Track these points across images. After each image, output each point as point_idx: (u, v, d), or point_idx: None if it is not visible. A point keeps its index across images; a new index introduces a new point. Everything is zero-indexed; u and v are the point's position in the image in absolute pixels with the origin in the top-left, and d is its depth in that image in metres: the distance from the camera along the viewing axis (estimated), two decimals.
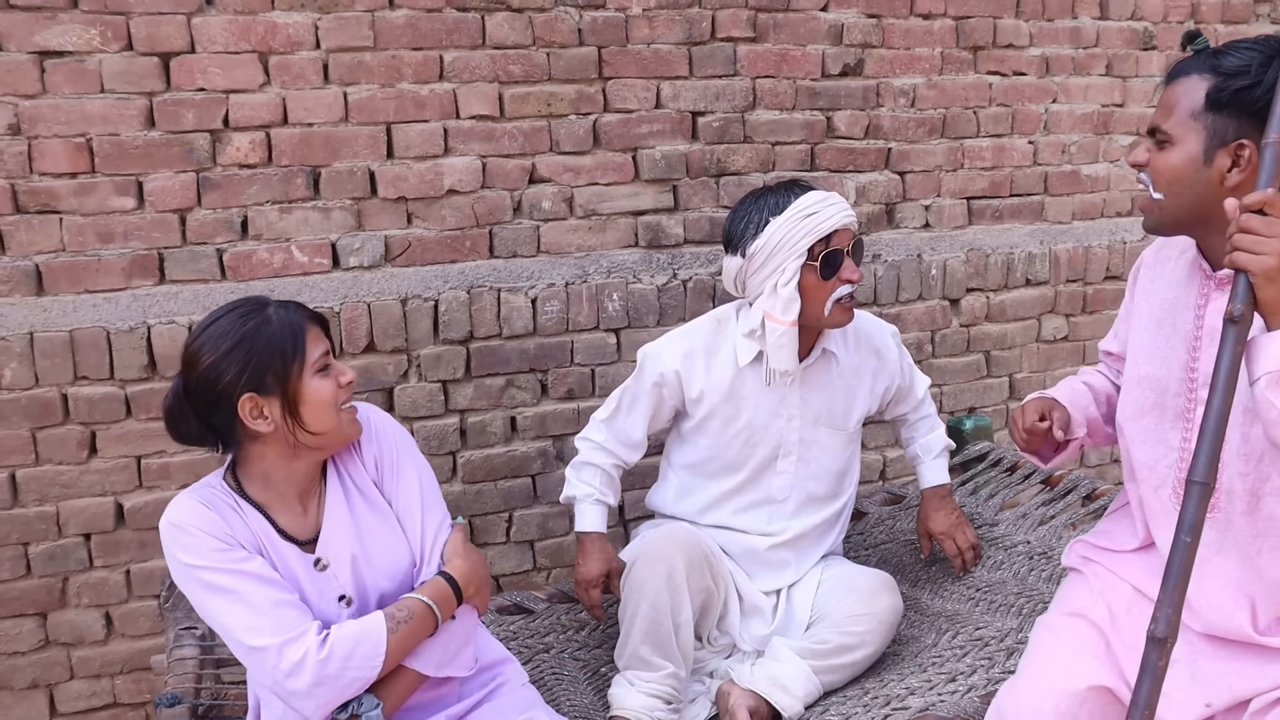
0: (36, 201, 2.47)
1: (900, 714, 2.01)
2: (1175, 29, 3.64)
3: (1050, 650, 1.79)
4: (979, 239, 3.43)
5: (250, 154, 2.61)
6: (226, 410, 1.66)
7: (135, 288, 2.58)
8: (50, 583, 2.62)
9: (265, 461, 1.71)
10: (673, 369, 2.33)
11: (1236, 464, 1.66)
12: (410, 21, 2.68)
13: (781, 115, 3.09)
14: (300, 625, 1.62)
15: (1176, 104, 1.65)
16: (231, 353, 1.64)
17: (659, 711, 2.12)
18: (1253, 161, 1.59)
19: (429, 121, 2.74)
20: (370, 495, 1.81)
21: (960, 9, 3.28)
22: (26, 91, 2.42)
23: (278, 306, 1.71)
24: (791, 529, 2.37)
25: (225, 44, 2.54)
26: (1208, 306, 1.72)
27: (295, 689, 1.59)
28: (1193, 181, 1.65)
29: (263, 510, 1.72)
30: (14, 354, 2.49)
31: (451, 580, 1.75)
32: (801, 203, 2.19)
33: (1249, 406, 1.60)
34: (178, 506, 1.68)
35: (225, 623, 1.63)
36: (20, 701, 2.64)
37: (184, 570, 1.65)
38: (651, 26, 2.90)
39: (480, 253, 2.86)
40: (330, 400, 1.70)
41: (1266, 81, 1.56)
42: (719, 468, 2.37)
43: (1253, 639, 1.65)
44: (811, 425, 2.35)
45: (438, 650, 1.74)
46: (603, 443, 2.40)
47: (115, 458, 2.62)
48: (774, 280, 2.20)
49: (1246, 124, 1.59)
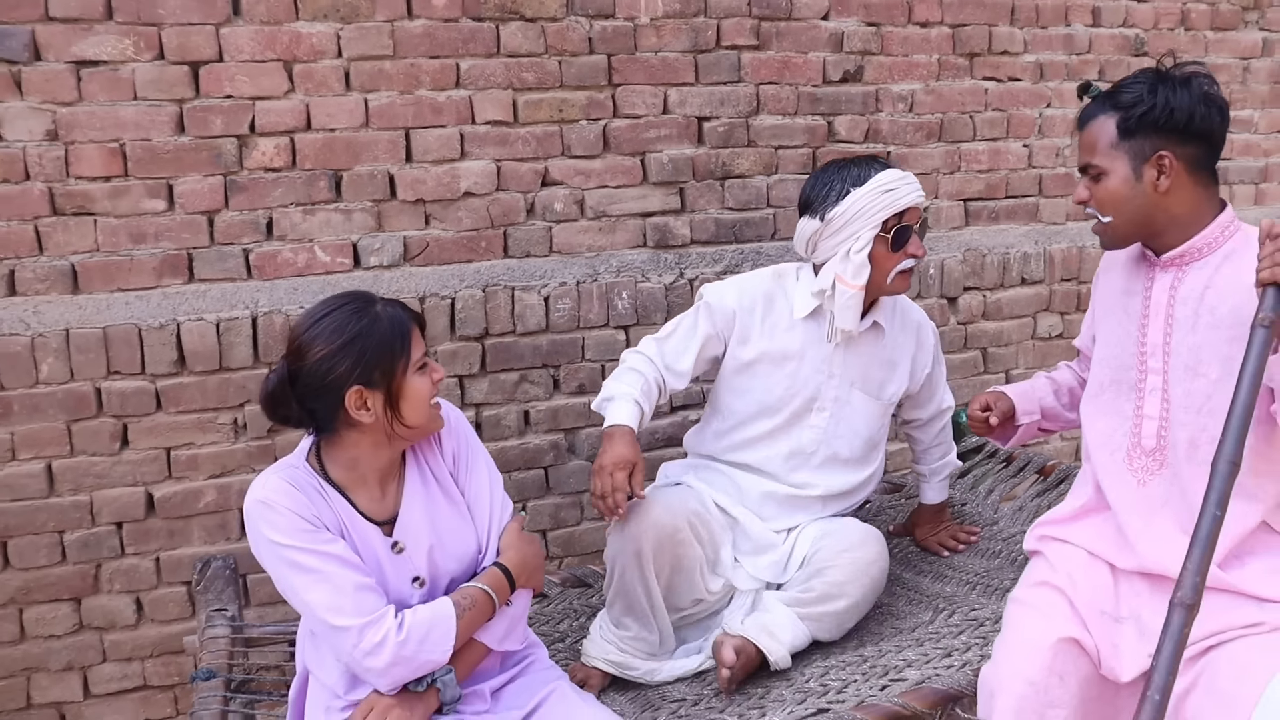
0: (72, 204, 2.59)
1: (898, 684, 2.11)
2: (1166, 35, 3.75)
3: (1021, 617, 1.96)
4: (976, 239, 3.54)
5: (275, 158, 2.72)
6: (332, 400, 1.75)
7: (165, 286, 2.70)
8: (84, 569, 2.72)
9: (358, 448, 1.81)
10: (731, 309, 2.43)
11: (1180, 417, 1.91)
12: (428, 31, 2.79)
13: (784, 120, 3.21)
14: (379, 608, 1.73)
15: (1096, 141, 1.93)
16: (345, 348, 1.73)
17: (625, 665, 2.30)
18: (1174, 166, 1.86)
19: (446, 127, 2.85)
20: (446, 485, 1.92)
21: (957, 17, 3.39)
22: (64, 99, 2.53)
23: (385, 305, 1.80)
24: (815, 487, 2.46)
25: (252, 53, 2.66)
26: (1153, 286, 1.97)
27: (372, 666, 1.71)
28: (1132, 197, 1.91)
29: (343, 492, 1.81)
30: (50, 350, 2.60)
31: (506, 570, 1.88)
32: (882, 178, 2.32)
33: (1189, 365, 1.89)
34: (266, 485, 1.77)
35: (309, 600, 1.72)
36: (56, 683, 2.74)
37: (270, 547, 1.74)
38: (659, 35, 3.02)
39: (495, 253, 2.97)
40: (427, 396, 1.80)
41: (1159, 102, 1.85)
42: (757, 410, 2.45)
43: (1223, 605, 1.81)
44: (849, 386, 2.45)
45: (501, 627, 1.88)
46: (652, 356, 2.45)
47: (146, 449, 2.72)
48: (848, 246, 2.32)
49: (1158, 139, 1.86)
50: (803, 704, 2.11)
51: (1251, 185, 4.06)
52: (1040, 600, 1.97)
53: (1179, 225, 1.92)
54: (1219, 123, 1.89)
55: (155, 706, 2.84)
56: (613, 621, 2.32)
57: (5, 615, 2.66)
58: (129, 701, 2.82)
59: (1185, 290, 1.93)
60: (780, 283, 2.48)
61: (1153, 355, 1.97)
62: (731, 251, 3.20)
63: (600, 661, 2.30)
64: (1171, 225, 1.92)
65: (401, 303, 1.85)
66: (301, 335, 1.76)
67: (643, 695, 2.26)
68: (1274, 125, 4.04)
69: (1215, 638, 1.80)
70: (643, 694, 2.27)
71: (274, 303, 2.76)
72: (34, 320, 2.59)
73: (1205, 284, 1.90)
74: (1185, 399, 1.92)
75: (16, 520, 2.64)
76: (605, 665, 2.30)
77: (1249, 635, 1.78)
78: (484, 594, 1.83)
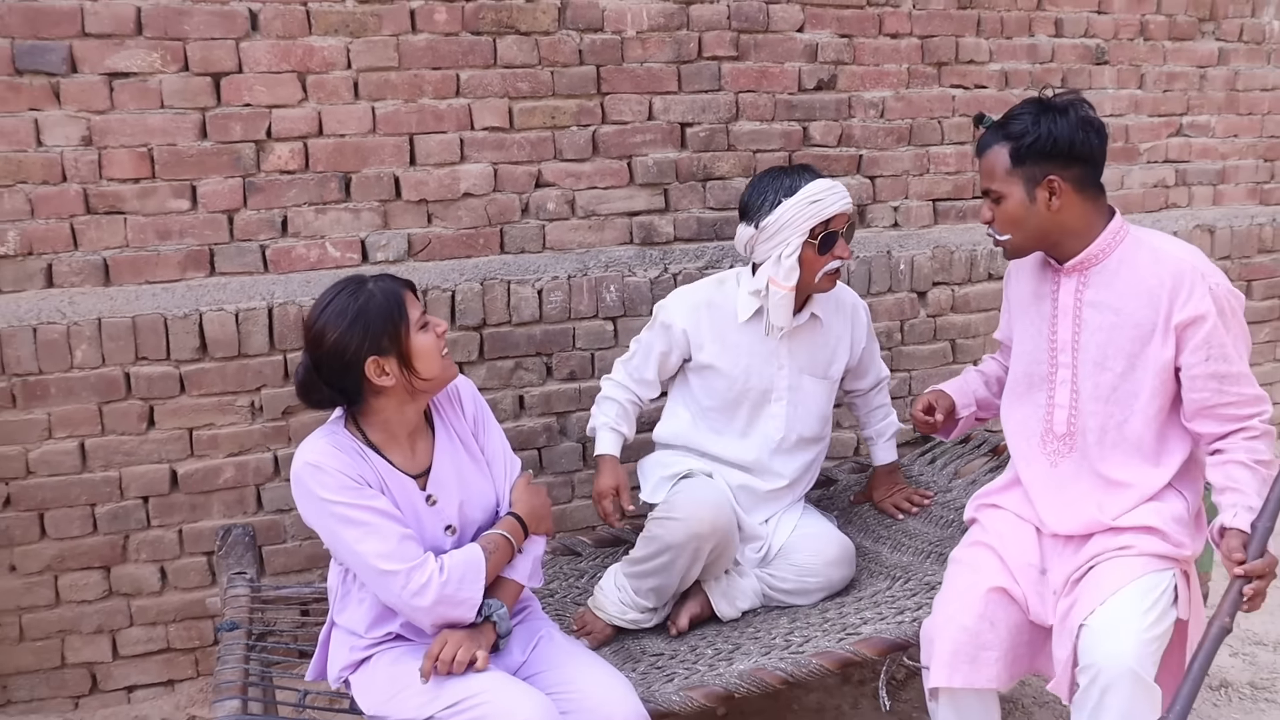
0: (105, 204, 2.81)
1: (853, 638, 2.35)
2: (1126, 45, 3.97)
3: (958, 572, 2.24)
4: (944, 237, 3.77)
5: (290, 161, 2.94)
6: (355, 374, 1.97)
7: (189, 279, 2.92)
8: (113, 540, 2.94)
9: (387, 410, 2.04)
10: (680, 322, 2.68)
11: (1088, 406, 2.19)
12: (430, 44, 3.01)
13: (762, 126, 3.43)
14: (420, 555, 1.97)
15: (993, 169, 2.20)
16: (352, 326, 1.94)
17: (631, 613, 2.56)
18: (1063, 187, 2.14)
19: (447, 132, 3.07)
20: (469, 445, 2.17)
21: (925, 29, 3.61)
22: (97, 108, 2.75)
23: (375, 280, 2.02)
24: (788, 470, 2.72)
25: (269, 65, 2.88)
26: (1059, 290, 2.25)
27: (420, 605, 1.95)
28: (1028, 216, 2.18)
29: (380, 451, 2.04)
30: (84, 337, 2.82)
31: (519, 519, 2.14)
32: (810, 189, 2.55)
33: (1097, 360, 2.17)
34: (314, 450, 1.99)
35: (360, 550, 1.95)
36: (87, 644, 2.96)
37: (320, 504, 1.96)
38: (644, 47, 3.24)
39: (492, 249, 3.19)
40: (434, 349, 2.02)
41: (1044, 131, 2.12)
42: (721, 405, 2.70)
43: (1102, 524, 2.15)
44: (798, 374, 2.70)
45: (527, 566, 2.15)
46: (621, 380, 2.76)
47: (170, 429, 2.94)
48: (779, 251, 2.55)
49: (1046, 164, 2.14)
50: (767, 655, 2.35)
51: (1210, 187, 4.28)
52: (973, 557, 2.23)
53: (1074, 236, 2.20)
54: (1098, 144, 2.16)
55: (178, 667, 3.06)
56: (635, 590, 2.54)
57: (42, 581, 2.88)
58: (154, 663, 3.03)
59: (1091, 294, 2.19)
60: (722, 289, 2.71)
61: (1063, 351, 2.24)
62: (712, 248, 3.43)
63: (618, 620, 2.55)
64: (1067, 237, 2.20)
65: (391, 275, 2.05)
66: (314, 325, 1.98)
67: (624, 648, 2.50)
68: (1230, 130, 4.26)
69: (1095, 559, 2.11)
70: (624, 647, 2.51)
71: (289, 295, 2.98)
72: (69, 310, 2.81)
73: (1108, 287, 2.17)
74: (1093, 390, 2.19)
75: (52, 494, 2.86)
76: (621, 623, 2.55)
77: (1120, 555, 2.10)
78: (504, 539, 2.09)
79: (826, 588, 2.66)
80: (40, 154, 2.73)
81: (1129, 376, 2.15)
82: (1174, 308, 2.11)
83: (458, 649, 1.96)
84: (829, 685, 3.05)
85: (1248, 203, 4.38)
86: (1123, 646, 1.98)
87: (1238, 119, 4.27)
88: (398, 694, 1.99)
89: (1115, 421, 2.18)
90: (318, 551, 3.08)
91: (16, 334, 2.75)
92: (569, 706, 1.98)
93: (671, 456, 2.76)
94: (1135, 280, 2.15)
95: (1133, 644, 1.98)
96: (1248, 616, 3.29)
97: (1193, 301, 2.09)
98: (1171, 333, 2.11)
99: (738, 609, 2.60)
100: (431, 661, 1.95)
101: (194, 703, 3.03)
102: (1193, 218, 4.25)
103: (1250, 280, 4.42)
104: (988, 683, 2.11)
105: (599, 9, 3.15)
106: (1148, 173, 4.12)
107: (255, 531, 2.78)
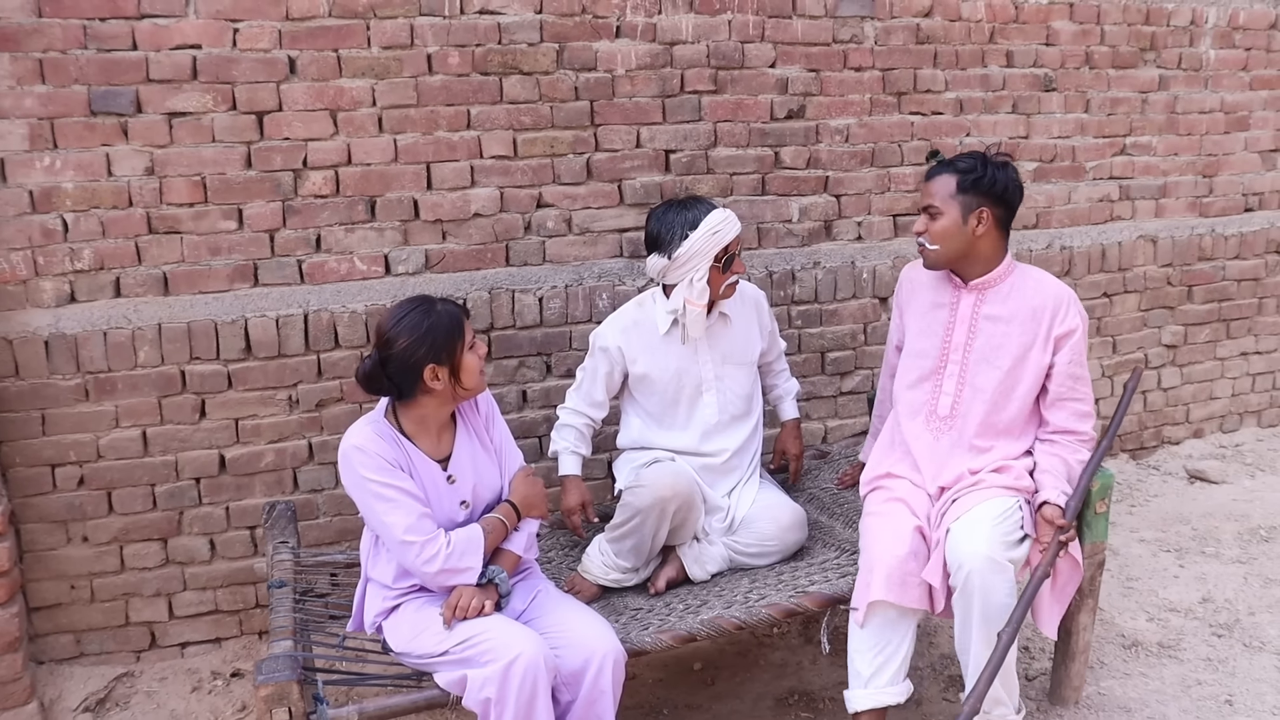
0: (165, 225, 3.21)
1: (802, 596, 2.78)
2: (1073, 73, 4.35)
3: (881, 523, 2.73)
4: (903, 248, 4.17)
5: (323, 187, 3.34)
6: (414, 376, 2.41)
7: (236, 290, 3.32)
8: (170, 515, 3.35)
9: (428, 407, 2.49)
10: (614, 343, 3.12)
11: (974, 395, 2.76)
12: (445, 84, 3.41)
13: (738, 151, 3.84)
14: (433, 531, 2.43)
15: (938, 191, 2.74)
16: (422, 338, 2.38)
17: (613, 574, 2.98)
18: (987, 219, 2.73)
19: (459, 161, 3.47)
20: (482, 438, 2.62)
21: (886, 62, 4.00)
22: (159, 143, 3.16)
23: (441, 303, 2.46)
24: (730, 444, 3.15)
25: (305, 104, 3.27)
26: (959, 303, 2.79)
27: (428, 570, 2.41)
28: (957, 236, 2.73)
29: (411, 440, 2.49)
30: (146, 340, 3.23)
31: (514, 505, 2.60)
32: (711, 220, 2.98)
33: (987, 358, 2.74)
34: (361, 435, 2.44)
35: (386, 521, 2.40)
36: (148, 606, 3.39)
37: (361, 481, 2.41)
38: (633, 84, 3.64)
39: (499, 262, 3.59)
40: (477, 366, 2.49)
41: (989, 174, 2.73)
42: (661, 406, 3.13)
43: (968, 477, 2.73)
44: (721, 364, 3.14)
45: (522, 541, 2.61)
46: (574, 407, 3.18)
47: (219, 419, 3.34)
48: (690, 276, 2.98)
49: (982, 199, 2.73)
50: (729, 608, 2.78)
51: (1152, 201, 4.68)
52: (890, 509, 2.75)
53: (982, 261, 2.76)
54: (1018, 198, 2.75)
55: (225, 627, 3.47)
56: (615, 553, 2.97)
57: (109, 551, 3.31)
58: (204, 623, 3.45)
59: (987, 309, 2.75)
60: (643, 309, 3.14)
61: (955, 351, 2.78)
62: None
63: (602, 580, 2.99)
64: (978, 261, 2.76)
65: (454, 300, 2.49)
66: (388, 331, 2.42)
67: (609, 604, 2.94)
68: (1170, 149, 4.65)
69: (957, 492, 2.68)
70: (609, 603, 2.94)
71: (322, 303, 3.39)
72: (134, 317, 3.22)
73: (1002, 304, 2.73)
74: (976, 380, 2.76)
75: (119, 475, 3.27)
76: (605, 583, 2.99)
77: (975, 488, 2.69)
78: (500, 521, 2.55)
79: (783, 550, 3.08)
80: (110, 183, 3.13)
81: (1012, 373, 2.74)
82: (1054, 323, 2.73)
83: (471, 599, 2.42)
84: (792, 644, 3.50)
85: (1188, 215, 4.77)
86: (977, 544, 2.55)
87: (1178, 139, 4.66)
88: (420, 634, 2.44)
89: (997, 406, 2.75)
90: (347, 526, 3.52)
91: (90, 337, 3.17)
92: (560, 642, 2.43)
93: (636, 454, 3.18)
94: (1024, 301, 2.74)
95: (986, 540, 2.56)
96: (1165, 587, 3.73)
97: (1069, 319, 2.73)
98: (1051, 341, 2.72)
99: (707, 572, 3.04)
100: (451, 609, 2.41)
101: (238, 658, 3.46)
102: (1136, 229, 4.65)
103: (1191, 286, 4.83)
104: (914, 603, 2.62)
105: (592, 51, 3.56)
106: (1093, 188, 4.51)
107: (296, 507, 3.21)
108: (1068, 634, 3.03)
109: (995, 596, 2.55)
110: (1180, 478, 4.72)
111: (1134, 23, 4.43)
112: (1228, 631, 3.46)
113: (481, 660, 2.34)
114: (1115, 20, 4.39)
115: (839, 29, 3.89)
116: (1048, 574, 2.61)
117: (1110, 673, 3.26)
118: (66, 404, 3.19)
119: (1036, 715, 3.09)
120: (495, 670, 2.30)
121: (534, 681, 2.31)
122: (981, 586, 2.54)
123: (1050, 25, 4.27)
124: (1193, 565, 3.90)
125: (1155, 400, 4.89)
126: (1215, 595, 3.66)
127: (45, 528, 3.24)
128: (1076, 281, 4.50)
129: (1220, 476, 4.66)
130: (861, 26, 3.92)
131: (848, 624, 2.71)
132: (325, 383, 3.42)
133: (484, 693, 2.31)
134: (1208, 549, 4.02)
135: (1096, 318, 4.61)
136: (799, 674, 3.34)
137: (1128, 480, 4.66)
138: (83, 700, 3.21)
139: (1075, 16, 4.31)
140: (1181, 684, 3.19)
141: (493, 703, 2.31)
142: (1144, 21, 4.45)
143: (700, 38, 3.69)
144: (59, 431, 3.20)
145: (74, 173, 3.10)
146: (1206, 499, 4.47)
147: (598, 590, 2.98)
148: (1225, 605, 3.61)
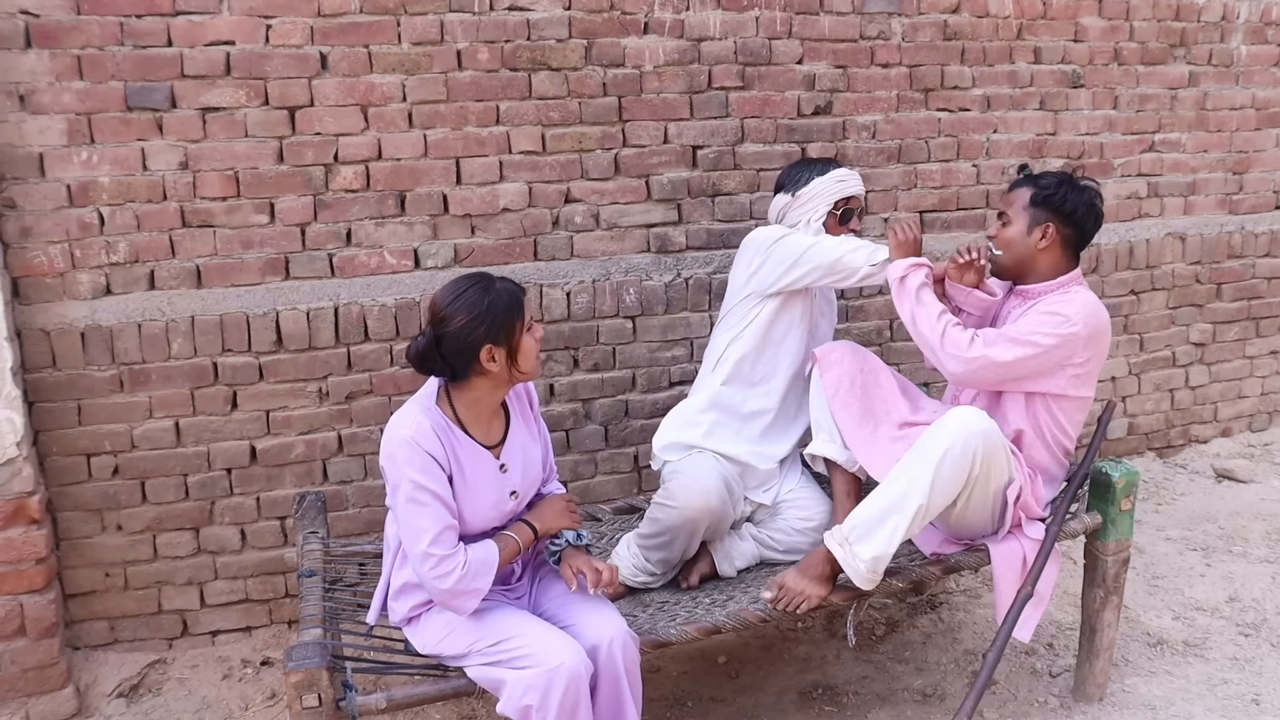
0: (198, 219, 3.26)
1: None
2: (1101, 70, 4.34)
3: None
4: (930, 245, 4.15)
5: (354, 182, 3.38)
6: (470, 355, 2.31)
7: (268, 283, 3.36)
8: (202, 505, 3.39)
9: (482, 390, 2.39)
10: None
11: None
12: (474, 80, 3.45)
13: (765, 148, 3.85)
14: (455, 546, 2.31)
15: (1015, 201, 2.93)
16: (480, 317, 2.28)
17: (642, 576, 3.00)
18: (1052, 236, 2.85)
19: (488, 156, 3.50)
20: (531, 428, 2.58)
21: (913, 59, 4.01)
22: (193, 138, 3.21)
23: (500, 281, 2.35)
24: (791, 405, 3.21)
25: (336, 99, 3.31)
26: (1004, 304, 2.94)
27: (439, 587, 2.30)
28: (1019, 245, 2.90)
29: (464, 427, 2.41)
30: (180, 332, 3.28)
31: (533, 529, 2.51)
32: (837, 172, 3.19)
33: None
34: (414, 425, 2.30)
35: (416, 525, 2.28)
36: (180, 594, 3.43)
37: (404, 476, 2.27)
38: (660, 80, 3.66)
39: (527, 256, 3.62)
40: (535, 349, 2.39)
41: (1061, 194, 2.85)
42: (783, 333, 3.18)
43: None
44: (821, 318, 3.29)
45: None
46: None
47: (251, 411, 3.39)
48: (808, 216, 3.14)
49: (1051, 215, 2.86)
50: (755, 603, 2.80)
51: (1180, 198, 4.66)
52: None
53: (1037, 275, 2.86)
54: (1092, 224, 2.88)
55: (255, 615, 3.52)
56: (645, 558, 2.97)
57: (143, 540, 3.36)
58: (235, 611, 3.49)
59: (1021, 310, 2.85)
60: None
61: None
62: (720, 255, 3.85)
63: (630, 581, 3.00)
64: (1035, 274, 2.88)
65: (512, 280, 2.40)
66: (444, 308, 2.31)
67: (636, 597, 2.96)
68: (1199, 146, 4.63)
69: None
70: (636, 596, 2.96)
71: (352, 296, 3.43)
72: (168, 309, 3.27)
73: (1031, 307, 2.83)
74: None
75: (152, 465, 3.32)
76: (633, 584, 3.00)
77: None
78: (514, 541, 2.46)
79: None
80: (145, 177, 3.18)
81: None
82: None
83: (603, 568, 2.47)
84: (816, 638, 3.51)
85: (1217, 212, 4.75)
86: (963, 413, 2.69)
87: (1207, 135, 4.64)
88: (450, 634, 2.40)
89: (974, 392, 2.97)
90: (375, 517, 3.55)
91: (125, 329, 3.23)
92: (570, 620, 2.43)
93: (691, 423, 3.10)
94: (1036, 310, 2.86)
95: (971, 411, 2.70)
96: (1191, 585, 3.72)
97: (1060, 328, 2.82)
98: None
99: (735, 568, 3.05)
100: (595, 577, 2.45)
101: (268, 646, 3.50)
102: (1165, 226, 4.63)
103: (1220, 283, 4.80)
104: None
105: (621, 47, 3.58)
106: (1121, 185, 4.50)
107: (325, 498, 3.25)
108: (1092, 631, 3.04)
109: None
110: (1208, 476, 4.69)
111: (1164, 19, 4.42)
112: (1255, 631, 3.44)
113: (520, 664, 2.29)
114: (1145, 16, 4.37)
115: (866, 25, 3.89)
116: (1030, 594, 2.69)
117: (1135, 670, 3.26)
118: (102, 395, 3.24)
119: (1060, 712, 3.09)
120: (537, 677, 2.25)
121: (576, 692, 2.27)
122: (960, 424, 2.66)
123: (1079, 21, 4.26)
124: (1220, 564, 3.88)
125: (1183, 399, 4.86)
126: (1242, 594, 3.65)
127: (81, 516, 3.29)
128: (1104, 279, 4.49)
129: (1248, 475, 4.63)
130: (889, 23, 3.93)
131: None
132: (355, 375, 3.46)
133: (525, 699, 2.26)
134: (1235, 548, 4.00)
135: (1124, 315, 4.59)
136: (823, 668, 3.36)
137: (1154, 479, 4.64)
138: (117, 686, 3.27)
139: (1104, 12, 4.29)
140: (1207, 683, 3.18)
141: (534, 709, 2.26)
142: (1174, 17, 4.43)
143: (728, 34, 3.70)
144: (94, 422, 3.25)
145: (110, 167, 3.14)
146: (1234, 498, 4.45)
147: (624, 590, 3.00)
148: (1253, 604, 3.59)
